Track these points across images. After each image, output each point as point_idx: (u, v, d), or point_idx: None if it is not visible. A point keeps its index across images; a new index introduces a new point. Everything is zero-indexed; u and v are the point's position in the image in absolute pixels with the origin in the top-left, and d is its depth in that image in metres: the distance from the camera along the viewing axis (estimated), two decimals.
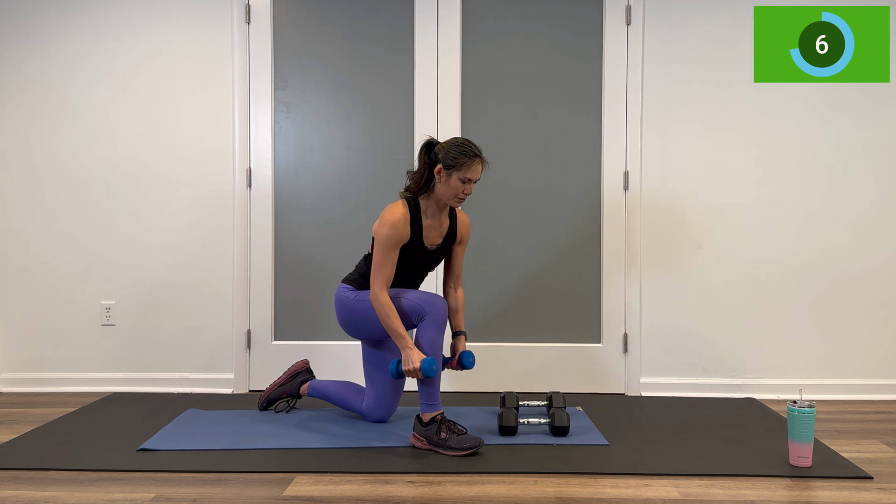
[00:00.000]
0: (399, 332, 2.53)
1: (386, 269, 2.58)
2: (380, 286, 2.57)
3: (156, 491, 2.14)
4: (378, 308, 2.56)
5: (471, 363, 2.71)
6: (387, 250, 2.58)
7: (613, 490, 2.16)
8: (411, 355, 2.49)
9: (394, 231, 2.57)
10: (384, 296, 2.56)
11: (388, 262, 2.58)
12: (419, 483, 2.21)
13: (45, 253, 3.42)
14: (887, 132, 3.31)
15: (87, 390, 3.41)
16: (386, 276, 2.58)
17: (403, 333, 2.53)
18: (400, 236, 2.59)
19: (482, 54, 3.36)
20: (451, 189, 2.58)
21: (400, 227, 2.58)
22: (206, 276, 3.41)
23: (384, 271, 2.58)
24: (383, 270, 2.58)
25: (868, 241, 3.33)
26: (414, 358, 2.48)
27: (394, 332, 2.54)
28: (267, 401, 3.01)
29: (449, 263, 2.85)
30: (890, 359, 3.34)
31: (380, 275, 2.58)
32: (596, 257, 3.38)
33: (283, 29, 3.38)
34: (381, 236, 2.58)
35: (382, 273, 2.58)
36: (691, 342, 3.36)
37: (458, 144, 2.58)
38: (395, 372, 2.55)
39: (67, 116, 3.40)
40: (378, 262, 2.59)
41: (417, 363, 2.47)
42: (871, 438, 2.70)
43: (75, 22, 3.39)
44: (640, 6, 3.31)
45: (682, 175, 3.34)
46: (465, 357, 2.71)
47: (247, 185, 3.39)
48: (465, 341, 2.79)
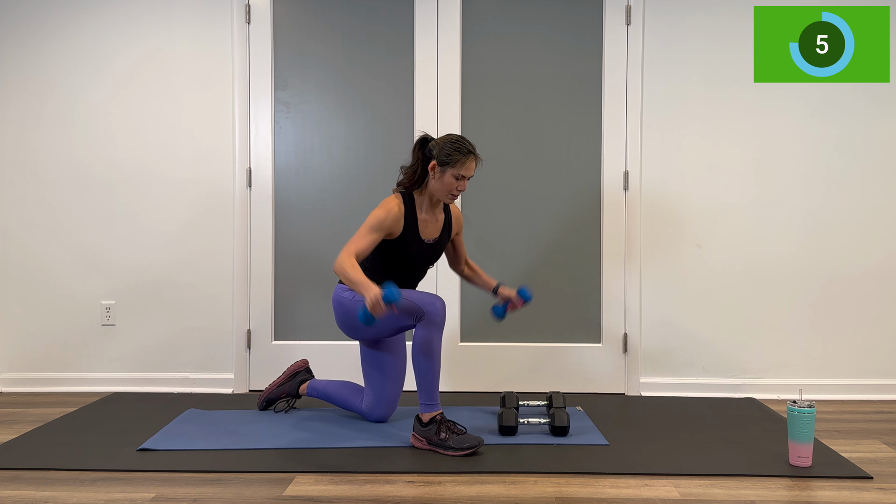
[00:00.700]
0: (359, 280, 2.38)
1: (361, 243, 2.53)
2: (349, 253, 2.48)
3: (156, 491, 2.14)
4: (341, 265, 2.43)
5: (529, 294, 2.77)
6: (370, 229, 2.56)
7: (613, 490, 2.16)
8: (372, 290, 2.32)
9: (386, 215, 2.57)
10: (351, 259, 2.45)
11: (366, 238, 2.54)
12: (419, 483, 2.21)
13: (45, 253, 3.42)
14: (887, 132, 3.31)
15: (87, 390, 3.41)
16: (358, 248, 2.51)
17: (362, 279, 2.38)
18: (391, 223, 2.59)
19: (482, 54, 3.36)
20: (444, 185, 2.59)
21: (394, 214, 2.59)
22: (206, 276, 3.41)
23: (358, 243, 2.52)
24: (358, 242, 2.52)
25: (868, 241, 3.33)
26: (374, 291, 2.32)
27: (354, 282, 2.39)
28: (266, 401, 3.01)
29: (454, 251, 2.91)
30: (890, 359, 3.34)
31: (353, 245, 2.51)
32: (596, 257, 3.38)
33: (283, 29, 3.38)
34: (371, 216, 2.58)
35: (356, 244, 2.52)
36: (691, 342, 3.36)
37: (453, 141, 2.58)
38: (363, 317, 2.36)
39: (67, 116, 3.40)
40: (356, 237, 2.54)
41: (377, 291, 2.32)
42: (871, 438, 2.70)
43: (75, 22, 3.39)
44: (640, 6, 3.31)
45: (681, 175, 3.34)
46: (522, 292, 2.76)
47: (247, 185, 3.39)
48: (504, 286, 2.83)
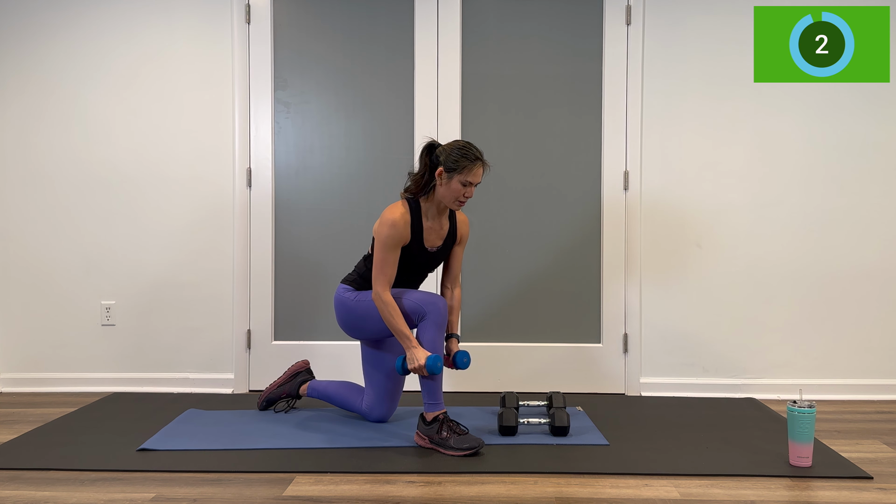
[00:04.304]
0: (403, 332, 2.54)
1: (388, 269, 2.58)
2: (382, 286, 2.58)
3: (156, 491, 2.14)
4: (381, 308, 2.57)
5: (465, 363, 2.70)
6: (387, 250, 2.58)
7: (613, 490, 2.16)
8: (416, 354, 2.50)
9: (394, 230, 2.57)
10: (387, 295, 2.57)
11: (389, 261, 2.58)
12: (419, 483, 2.21)
13: (45, 253, 3.42)
14: (887, 132, 3.31)
15: (87, 390, 3.41)
16: (388, 276, 2.59)
17: (408, 333, 2.54)
18: (400, 236, 2.59)
19: (482, 55, 3.36)
20: (451, 192, 2.58)
21: (400, 227, 2.58)
22: (206, 276, 3.41)
23: (386, 271, 2.58)
24: (385, 270, 2.58)
25: (868, 241, 3.33)
26: (419, 356, 2.49)
27: (398, 332, 2.55)
28: (267, 401, 3.01)
29: (448, 264, 2.85)
30: (890, 359, 3.34)
31: (382, 275, 2.58)
32: (596, 257, 3.38)
33: (283, 29, 3.38)
34: (382, 236, 2.58)
35: (384, 273, 2.58)
36: (691, 342, 3.36)
37: (460, 147, 2.57)
38: (401, 369, 2.57)
39: (67, 116, 3.40)
40: (379, 262, 2.59)
41: (423, 360, 2.48)
42: (871, 438, 2.70)
43: (75, 22, 3.39)
44: (640, 6, 3.31)
45: (682, 175, 3.34)
46: (458, 357, 2.71)
47: (247, 185, 3.39)
48: (458, 343, 2.79)
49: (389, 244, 2.58)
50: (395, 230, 2.57)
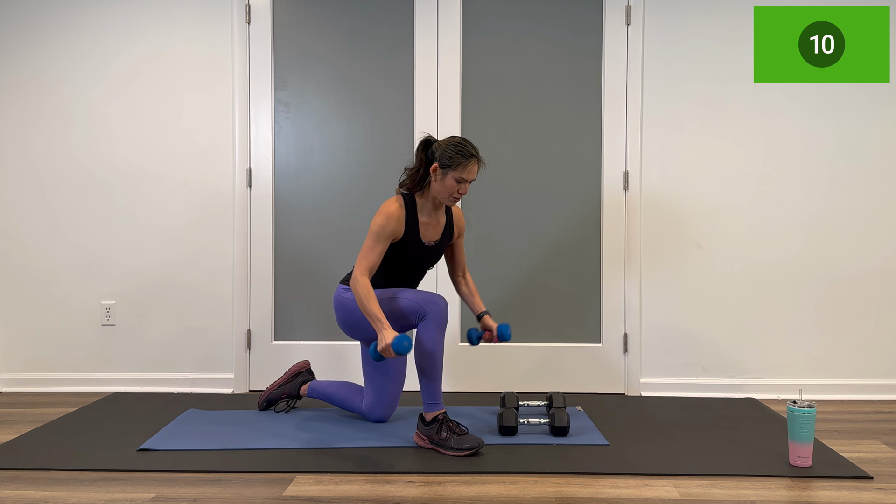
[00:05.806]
0: (375, 314, 2.46)
1: (371, 257, 2.56)
2: (362, 271, 2.54)
3: (156, 491, 2.14)
4: (356, 289, 2.51)
5: (509, 334, 2.74)
6: (376, 239, 2.57)
7: (613, 490, 2.16)
8: (385, 335, 2.41)
9: (387, 221, 2.57)
10: (364, 279, 2.52)
11: (375, 250, 2.57)
12: (419, 483, 2.21)
13: (45, 253, 3.42)
14: (887, 132, 3.31)
15: (87, 390, 3.41)
16: (370, 263, 2.55)
17: (379, 315, 2.46)
18: (393, 228, 2.59)
19: (482, 54, 3.36)
20: (446, 188, 2.59)
21: (393, 220, 2.58)
22: (206, 276, 3.41)
23: (369, 258, 2.56)
24: (368, 257, 2.56)
25: (868, 242, 3.33)
26: (387, 336, 2.40)
27: (370, 314, 2.47)
28: (267, 401, 3.02)
29: (452, 256, 2.87)
30: (890, 359, 3.34)
31: (364, 261, 2.55)
32: (596, 257, 3.38)
33: (283, 29, 3.38)
34: (374, 225, 2.58)
35: (367, 259, 2.56)
36: (691, 342, 3.36)
37: (455, 144, 2.57)
38: (374, 353, 2.46)
39: (67, 116, 3.40)
40: (365, 249, 2.57)
41: (389, 340, 2.38)
42: (871, 438, 2.70)
43: (75, 22, 3.39)
44: (640, 6, 3.31)
45: (682, 175, 3.34)
46: (502, 330, 2.73)
47: (247, 185, 3.39)
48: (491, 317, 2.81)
49: (379, 234, 2.57)
50: (388, 221, 2.57)
